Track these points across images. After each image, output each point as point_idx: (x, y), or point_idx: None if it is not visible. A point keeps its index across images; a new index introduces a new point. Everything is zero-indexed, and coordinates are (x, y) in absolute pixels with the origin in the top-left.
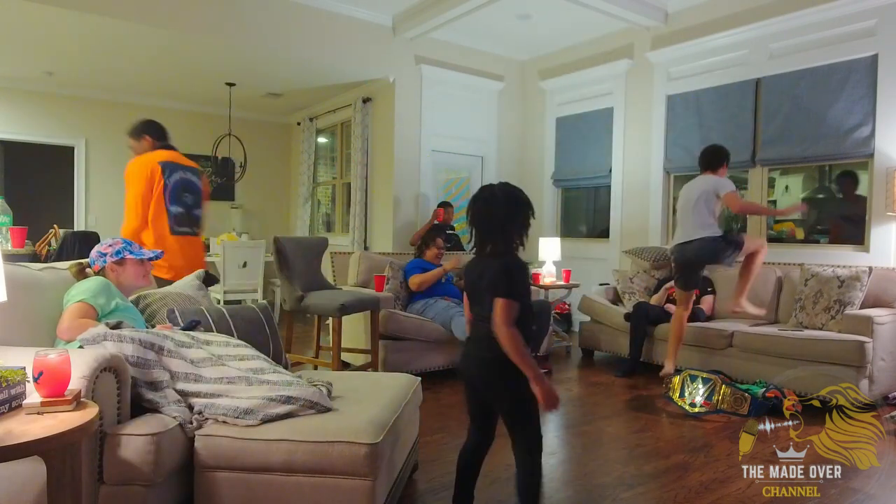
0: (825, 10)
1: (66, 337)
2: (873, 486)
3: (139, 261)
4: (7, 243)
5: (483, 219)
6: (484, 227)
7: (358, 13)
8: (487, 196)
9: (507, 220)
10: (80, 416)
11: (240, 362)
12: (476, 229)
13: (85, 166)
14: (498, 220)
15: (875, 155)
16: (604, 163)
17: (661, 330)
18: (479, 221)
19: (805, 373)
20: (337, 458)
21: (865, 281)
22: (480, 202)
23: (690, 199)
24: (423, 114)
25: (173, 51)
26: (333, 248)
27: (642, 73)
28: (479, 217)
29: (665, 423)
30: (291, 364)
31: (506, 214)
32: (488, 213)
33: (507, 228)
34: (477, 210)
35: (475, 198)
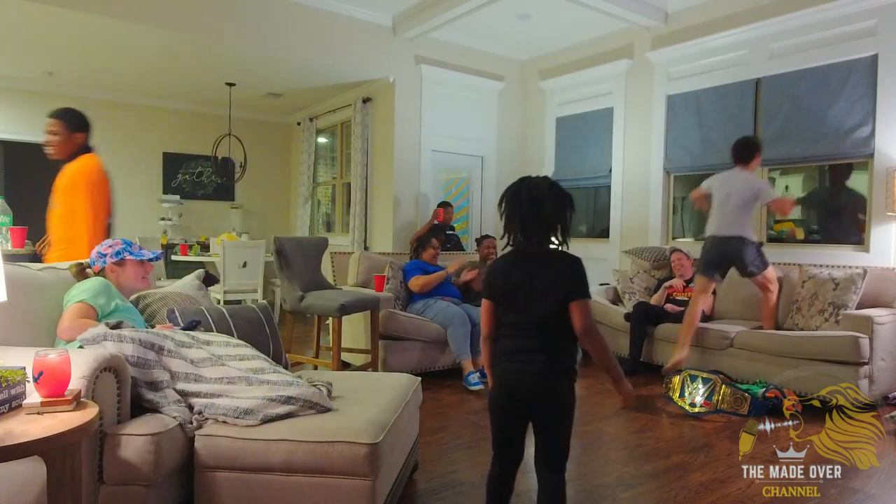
0: (825, 10)
1: (66, 337)
2: (873, 486)
3: (139, 262)
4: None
5: (532, 212)
6: (534, 221)
7: (358, 13)
8: (533, 187)
9: (562, 212)
10: (80, 416)
11: (240, 362)
12: (523, 224)
13: None
14: (553, 213)
15: (875, 155)
16: (604, 163)
17: (661, 330)
18: (527, 215)
19: (805, 373)
20: (337, 458)
21: (860, 284)
22: (526, 194)
23: (734, 193)
24: (423, 114)
25: (173, 51)
26: (333, 248)
27: (642, 73)
28: (529, 210)
29: (665, 423)
30: (291, 364)
31: (560, 206)
32: (540, 205)
33: (563, 221)
34: (523, 202)
35: (517, 190)
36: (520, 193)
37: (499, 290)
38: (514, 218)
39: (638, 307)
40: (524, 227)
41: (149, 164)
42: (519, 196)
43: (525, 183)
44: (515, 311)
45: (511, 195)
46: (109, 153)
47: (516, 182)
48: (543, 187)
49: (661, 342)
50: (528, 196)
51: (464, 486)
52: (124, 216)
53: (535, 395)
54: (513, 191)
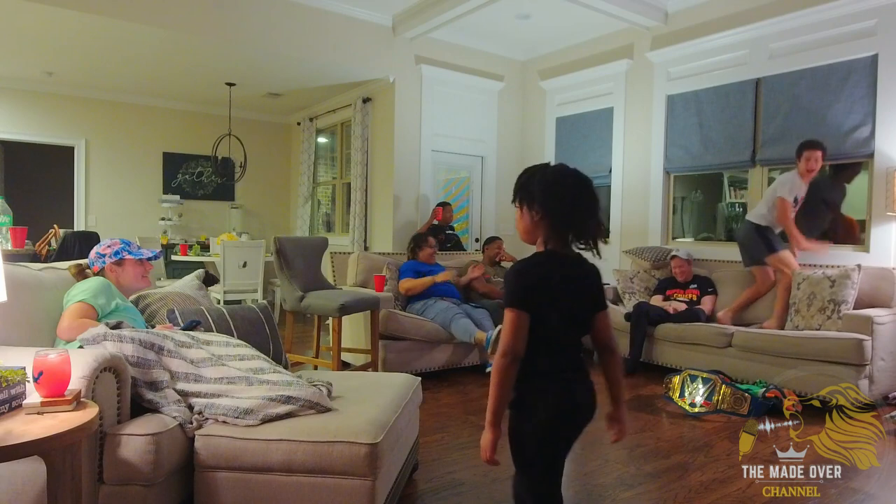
0: (825, 10)
1: (66, 337)
2: (873, 486)
3: (138, 261)
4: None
5: (594, 207)
6: (593, 218)
7: (358, 13)
8: (573, 174)
9: (596, 209)
10: (80, 416)
11: (240, 362)
12: (584, 221)
13: (85, 166)
14: (589, 209)
15: (875, 155)
16: (604, 163)
17: (661, 330)
18: (588, 210)
19: (805, 373)
20: (337, 458)
21: (856, 278)
22: (587, 184)
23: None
24: (423, 114)
25: (173, 51)
26: (333, 248)
27: (642, 73)
28: (591, 204)
29: (665, 423)
30: (291, 364)
31: (595, 201)
32: (597, 200)
33: (598, 218)
34: (585, 194)
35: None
36: (583, 183)
37: (545, 299)
38: (575, 212)
39: (638, 307)
40: (584, 225)
41: (149, 164)
42: (582, 186)
43: (576, 171)
44: (560, 323)
45: (571, 184)
46: (109, 153)
47: (564, 168)
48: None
49: (661, 342)
50: (587, 188)
51: (464, 486)
52: (124, 216)
53: (591, 410)
54: (571, 178)
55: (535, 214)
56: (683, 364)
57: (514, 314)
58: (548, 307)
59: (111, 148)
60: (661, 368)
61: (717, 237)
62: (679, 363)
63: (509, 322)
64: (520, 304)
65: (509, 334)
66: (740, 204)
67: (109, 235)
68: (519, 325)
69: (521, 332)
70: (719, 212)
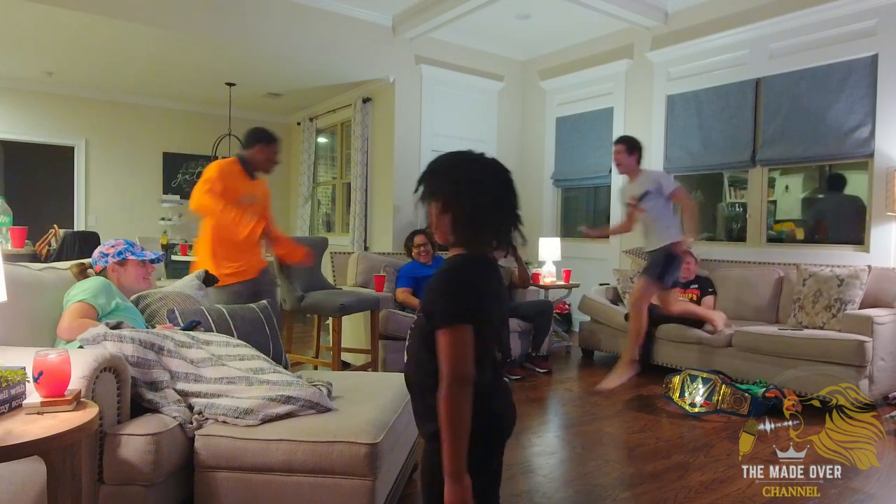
0: (825, 10)
1: (66, 337)
2: (873, 486)
3: (140, 262)
4: (7, 243)
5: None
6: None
7: (358, 13)
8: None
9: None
10: (80, 416)
11: (240, 362)
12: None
13: (85, 166)
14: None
15: (875, 155)
16: (604, 163)
17: (662, 330)
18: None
19: (805, 373)
20: (337, 458)
21: (865, 279)
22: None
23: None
24: (423, 114)
25: (173, 51)
26: (333, 248)
27: (642, 73)
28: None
29: (665, 423)
30: (291, 364)
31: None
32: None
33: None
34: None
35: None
36: (503, 176)
37: (488, 307)
38: (497, 210)
39: None
40: (506, 225)
41: (149, 164)
42: (505, 180)
43: (498, 164)
44: (498, 331)
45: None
46: (109, 153)
47: (484, 159)
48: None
49: (662, 342)
50: (508, 182)
51: None
52: (124, 216)
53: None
54: (493, 171)
55: (454, 211)
56: (683, 364)
57: (457, 331)
58: (488, 315)
59: (111, 148)
60: (661, 368)
61: (717, 237)
62: (679, 363)
63: (454, 341)
64: (465, 317)
65: (456, 356)
66: (740, 204)
67: (110, 235)
68: (466, 342)
69: (469, 350)
70: (719, 212)
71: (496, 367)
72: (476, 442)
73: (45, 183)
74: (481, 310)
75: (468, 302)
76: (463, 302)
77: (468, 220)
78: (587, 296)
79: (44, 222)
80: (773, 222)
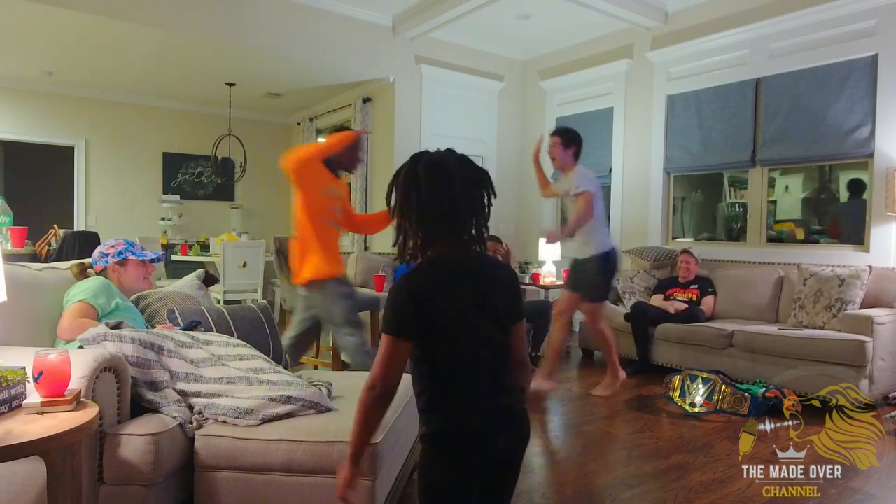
0: (825, 10)
1: (66, 337)
2: (873, 486)
3: (141, 262)
4: (7, 243)
5: (470, 198)
6: (474, 212)
7: (358, 13)
8: (460, 163)
9: (489, 200)
10: (80, 416)
11: (240, 362)
12: (458, 217)
13: (85, 166)
14: (485, 201)
15: (875, 155)
16: (604, 163)
17: (661, 330)
18: (463, 202)
19: (805, 373)
20: (337, 458)
21: (866, 279)
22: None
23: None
24: (423, 114)
25: (173, 51)
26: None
27: (642, 73)
28: (464, 195)
29: (665, 423)
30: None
31: (488, 191)
32: (475, 189)
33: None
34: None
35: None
36: (448, 172)
37: (437, 318)
38: (439, 208)
39: (636, 307)
40: (461, 221)
41: (149, 164)
42: (449, 175)
43: (428, 155)
44: (468, 342)
45: (434, 173)
46: (109, 153)
47: (420, 156)
48: (465, 163)
49: (662, 342)
50: (461, 175)
51: None
52: (124, 216)
53: (516, 447)
54: (434, 168)
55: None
56: (683, 364)
57: (389, 341)
58: (447, 324)
59: (111, 148)
60: (661, 368)
61: (717, 237)
62: (679, 363)
63: (383, 350)
64: (395, 329)
65: (378, 364)
66: (740, 204)
67: (110, 235)
68: (392, 353)
69: (393, 363)
70: (719, 212)
71: (467, 382)
72: (433, 462)
73: (45, 183)
74: (405, 323)
75: (396, 313)
76: (392, 313)
77: (405, 229)
78: None
79: (44, 222)
80: (773, 222)
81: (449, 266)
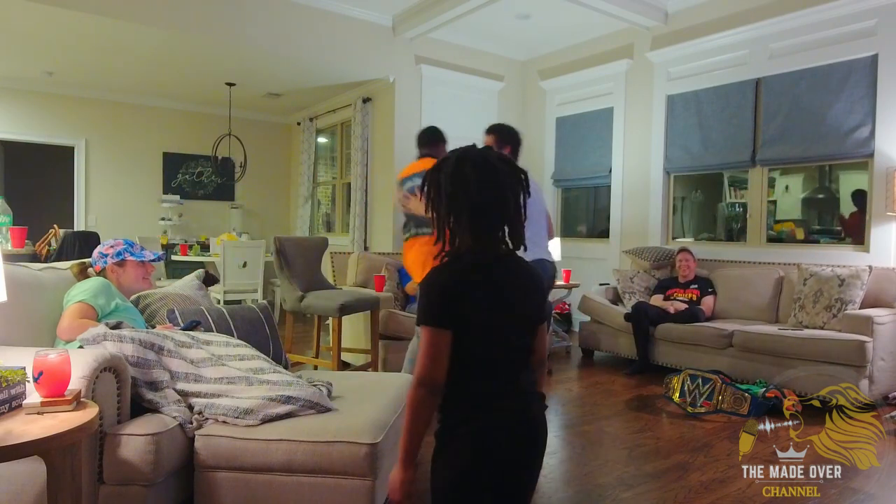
0: (825, 10)
1: (66, 337)
2: (873, 486)
3: (139, 263)
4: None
5: (514, 199)
6: (517, 212)
7: (358, 13)
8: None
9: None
10: (80, 416)
11: (240, 362)
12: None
13: (85, 166)
14: (521, 201)
15: (875, 155)
16: (604, 163)
17: (661, 330)
18: (507, 204)
19: (805, 373)
20: (337, 458)
21: (866, 279)
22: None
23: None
24: (423, 114)
25: (173, 51)
26: (333, 248)
27: (642, 73)
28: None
29: (665, 423)
30: (291, 364)
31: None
32: (517, 190)
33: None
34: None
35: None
36: (497, 173)
37: (473, 310)
38: (489, 208)
39: (636, 307)
40: (506, 221)
41: (149, 164)
42: (497, 176)
43: (473, 153)
44: (495, 339)
45: (483, 174)
46: (109, 153)
47: (457, 153)
48: (507, 163)
49: (662, 342)
50: (506, 176)
51: None
52: (124, 216)
53: (534, 449)
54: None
55: (440, 211)
56: (683, 364)
57: (430, 333)
58: (477, 320)
59: (111, 148)
60: (661, 368)
61: (717, 237)
62: (679, 363)
63: (425, 343)
64: (437, 320)
65: (425, 358)
66: (740, 204)
67: (109, 235)
68: (437, 345)
69: (439, 355)
70: (719, 212)
71: (490, 379)
72: (447, 459)
73: (45, 183)
74: (446, 313)
75: (437, 304)
76: (433, 304)
77: (439, 222)
78: (587, 296)
79: (44, 222)
80: (773, 222)
81: (485, 264)
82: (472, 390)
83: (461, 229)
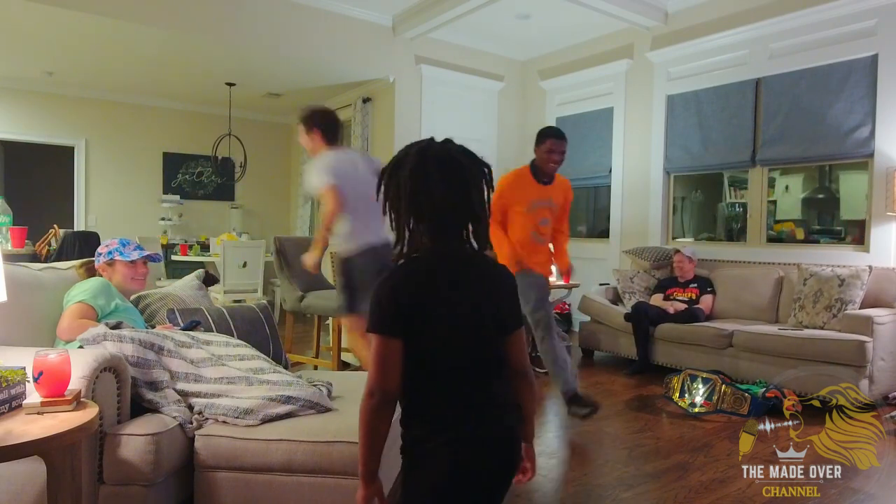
0: (825, 10)
1: (66, 337)
2: (873, 486)
3: (128, 263)
4: (7, 243)
5: (465, 194)
6: (469, 208)
7: (358, 13)
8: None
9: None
10: (80, 416)
11: (240, 362)
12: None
13: (85, 166)
14: (483, 196)
15: (875, 155)
16: (604, 163)
17: (661, 330)
18: (458, 198)
19: (805, 373)
20: (337, 458)
21: (866, 279)
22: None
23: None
24: (423, 114)
25: (173, 51)
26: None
27: (642, 73)
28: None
29: (665, 423)
30: (291, 364)
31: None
32: (472, 184)
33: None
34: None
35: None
36: (461, 169)
37: (424, 316)
38: (452, 206)
39: (636, 307)
40: (470, 219)
41: (149, 164)
42: (461, 173)
43: (436, 148)
44: (456, 349)
45: (447, 170)
46: (109, 153)
47: (418, 148)
48: (469, 156)
49: (662, 342)
50: (470, 171)
51: None
52: (124, 216)
53: (507, 462)
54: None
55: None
56: (683, 364)
57: (378, 341)
58: (434, 327)
59: (111, 148)
60: (661, 368)
61: (717, 237)
62: (679, 363)
63: (374, 352)
64: (386, 328)
65: (375, 367)
66: (740, 204)
67: (110, 235)
68: (386, 355)
69: (390, 365)
70: (719, 212)
71: (453, 392)
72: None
73: (45, 183)
74: (397, 322)
75: (387, 310)
76: (382, 310)
77: (398, 221)
78: (587, 296)
79: (44, 222)
80: (773, 222)
81: (445, 267)
82: (434, 402)
83: (420, 229)
